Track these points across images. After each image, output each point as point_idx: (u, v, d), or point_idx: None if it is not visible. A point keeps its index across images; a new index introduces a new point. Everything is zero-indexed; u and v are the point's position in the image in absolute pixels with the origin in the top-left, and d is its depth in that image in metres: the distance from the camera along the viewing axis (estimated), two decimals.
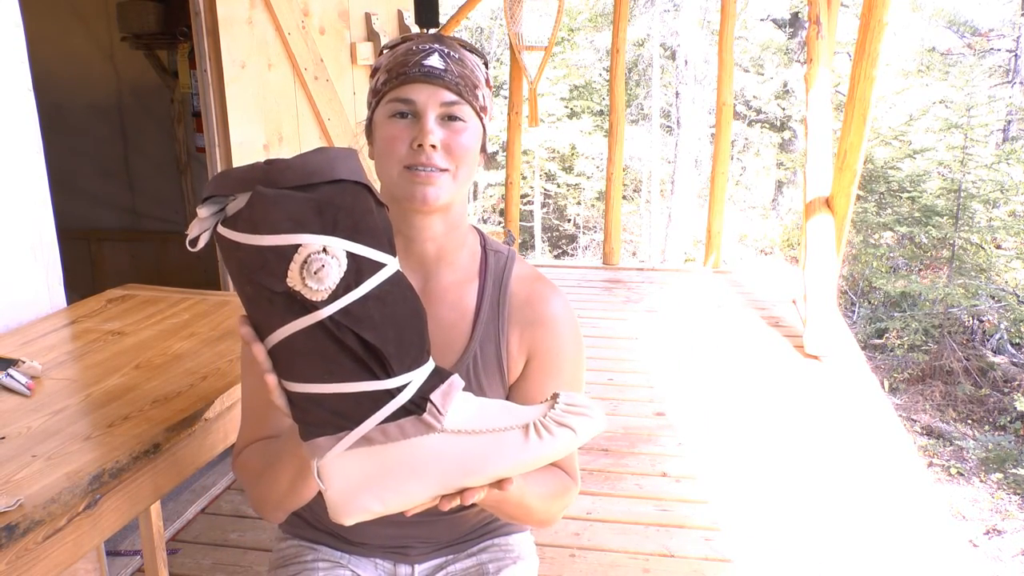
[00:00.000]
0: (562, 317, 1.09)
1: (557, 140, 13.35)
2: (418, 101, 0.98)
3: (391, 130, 0.99)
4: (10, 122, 1.71)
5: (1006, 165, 8.74)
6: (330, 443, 0.81)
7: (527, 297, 1.08)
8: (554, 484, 1.05)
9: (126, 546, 2.30)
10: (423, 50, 1.00)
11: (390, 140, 0.99)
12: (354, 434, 0.80)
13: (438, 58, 0.99)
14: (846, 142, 3.85)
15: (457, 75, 1.00)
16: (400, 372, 0.81)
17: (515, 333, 1.07)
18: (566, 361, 1.09)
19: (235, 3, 2.46)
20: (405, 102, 0.99)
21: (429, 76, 0.98)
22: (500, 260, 1.11)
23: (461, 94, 0.99)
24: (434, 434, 0.80)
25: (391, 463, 0.81)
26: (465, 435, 0.81)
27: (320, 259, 0.77)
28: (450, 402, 0.82)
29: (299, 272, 0.77)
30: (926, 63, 13.53)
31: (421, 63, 0.99)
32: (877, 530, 2.47)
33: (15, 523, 0.90)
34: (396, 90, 0.99)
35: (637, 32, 12.55)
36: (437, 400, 0.81)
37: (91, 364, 1.40)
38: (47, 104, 1.96)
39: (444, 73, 0.99)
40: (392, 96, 0.99)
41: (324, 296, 0.78)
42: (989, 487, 6.89)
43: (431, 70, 0.98)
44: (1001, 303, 8.62)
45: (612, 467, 2.88)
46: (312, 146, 0.88)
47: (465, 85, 1.00)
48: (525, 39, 5.67)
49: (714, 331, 4.39)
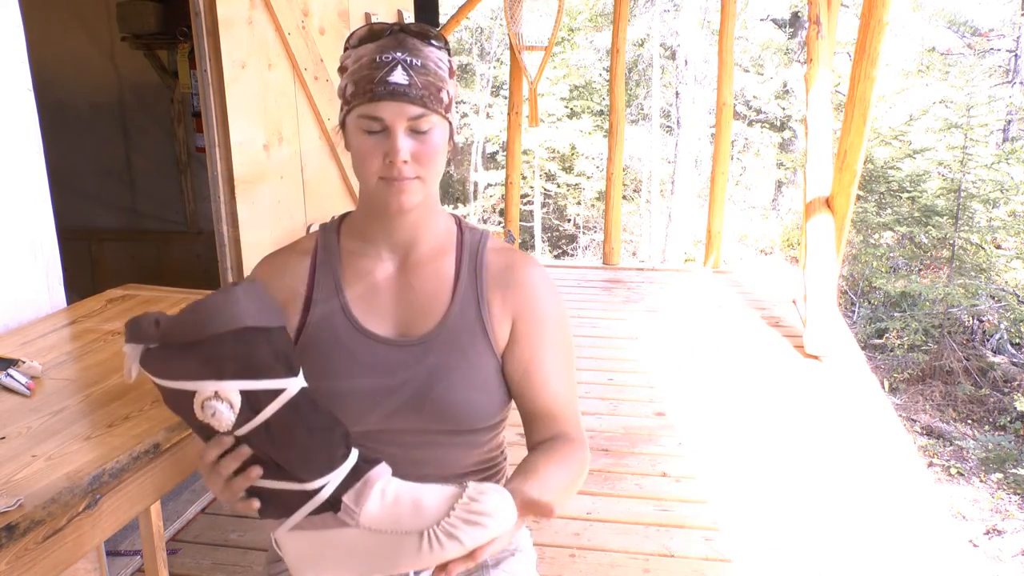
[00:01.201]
0: (540, 280, 1.15)
1: (557, 140, 13.34)
2: (386, 118, 1.03)
3: (364, 144, 1.05)
4: (10, 122, 1.71)
5: (1006, 165, 8.74)
6: (275, 524, 0.96)
7: (505, 264, 1.15)
8: (569, 469, 1.07)
9: (126, 546, 2.30)
10: (386, 63, 1.03)
11: (363, 154, 1.05)
12: (289, 521, 0.94)
13: (401, 72, 1.03)
14: (846, 142, 3.85)
15: (421, 87, 1.03)
16: (313, 479, 0.92)
17: (496, 297, 1.13)
18: (550, 320, 1.14)
19: (235, 3, 2.46)
20: (374, 119, 1.03)
21: (394, 95, 1.02)
22: (475, 235, 1.18)
23: (426, 105, 1.03)
24: (350, 528, 0.92)
25: (324, 544, 0.94)
26: (375, 534, 0.91)
27: (212, 405, 0.89)
28: (365, 501, 0.92)
29: (200, 412, 0.90)
30: (926, 63, 13.53)
31: (386, 80, 1.02)
32: (877, 530, 2.47)
33: (15, 523, 0.90)
34: (364, 107, 1.03)
35: (637, 32, 12.54)
36: (349, 501, 0.92)
37: (91, 364, 1.40)
38: (47, 104, 1.96)
39: (408, 88, 1.02)
40: (361, 112, 1.04)
41: (227, 429, 0.90)
42: (989, 487, 6.88)
43: (395, 88, 1.02)
44: (1001, 303, 8.62)
45: (612, 467, 2.88)
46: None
47: (429, 95, 1.04)
48: (525, 39, 5.67)
49: (714, 331, 4.39)
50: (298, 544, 0.95)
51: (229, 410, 0.89)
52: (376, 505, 0.92)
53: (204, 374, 0.89)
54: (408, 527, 0.89)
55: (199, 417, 0.90)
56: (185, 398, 0.90)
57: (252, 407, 0.90)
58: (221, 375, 0.89)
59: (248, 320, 0.91)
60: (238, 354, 0.90)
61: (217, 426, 0.89)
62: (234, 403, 0.89)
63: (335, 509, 0.92)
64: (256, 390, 0.90)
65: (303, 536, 0.94)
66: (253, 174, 2.58)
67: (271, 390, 0.91)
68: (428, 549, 0.88)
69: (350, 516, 0.92)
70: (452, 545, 0.87)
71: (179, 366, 0.89)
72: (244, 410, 0.89)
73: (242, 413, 0.89)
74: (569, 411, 1.14)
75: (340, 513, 0.92)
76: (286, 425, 0.91)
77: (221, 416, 0.88)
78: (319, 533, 0.93)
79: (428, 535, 0.88)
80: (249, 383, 0.90)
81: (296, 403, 0.93)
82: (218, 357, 0.89)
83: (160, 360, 0.90)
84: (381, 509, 0.92)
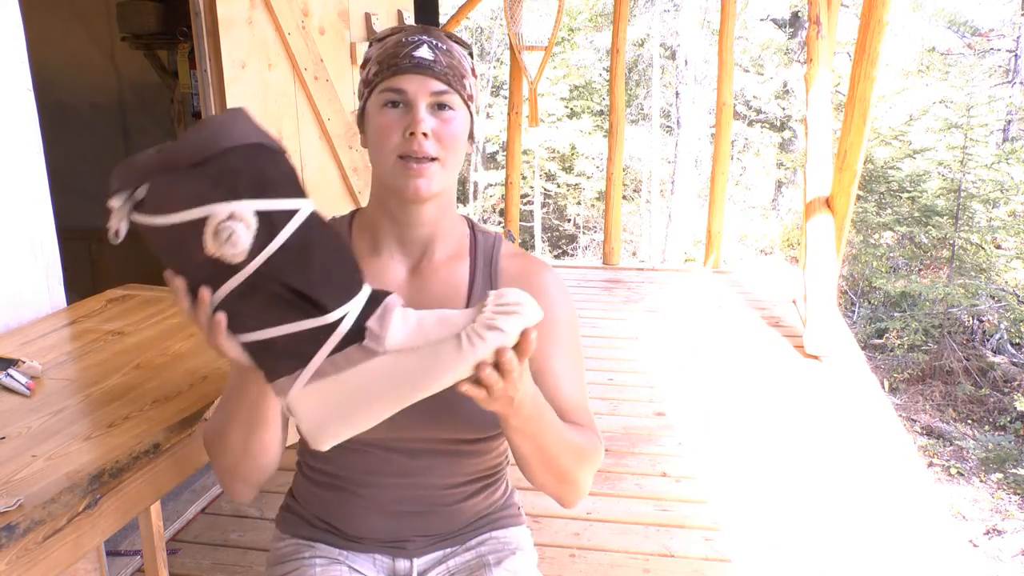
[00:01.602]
0: (555, 286, 1.13)
1: (557, 140, 13.35)
2: (409, 91, 1.02)
3: (384, 119, 1.03)
4: (10, 122, 1.71)
5: (1006, 165, 8.74)
6: (289, 382, 0.87)
7: (519, 271, 1.13)
8: (577, 433, 1.06)
9: (126, 546, 2.30)
10: (412, 42, 1.03)
11: (383, 129, 1.03)
12: (307, 370, 0.86)
13: (427, 49, 1.03)
14: (846, 142, 3.85)
15: (446, 65, 1.04)
16: (334, 307, 0.85)
17: None
18: (563, 325, 1.13)
19: (235, 3, 2.46)
20: (396, 92, 1.03)
21: (419, 67, 1.02)
22: (488, 239, 1.16)
23: (450, 83, 1.03)
24: (378, 357, 0.85)
25: (348, 389, 0.86)
26: (406, 352, 0.85)
27: (228, 227, 0.81)
28: (388, 324, 0.86)
29: (213, 241, 0.81)
30: (926, 63, 13.53)
31: (411, 54, 1.03)
32: (877, 530, 2.47)
33: (15, 523, 0.90)
34: (387, 80, 1.03)
35: (637, 32, 12.54)
36: (374, 326, 0.86)
37: (91, 364, 1.40)
38: (47, 104, 1.96)
39: (433, 64, 1.03)
40: (384, 86, 1.03)
41: (243, 257, 0.82)
42: (989, 487, 6.89)
43: (421, 61, 1.02)
44: (1001, 303, 8.62)
45: (612, 467, 2.88)
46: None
47: (453, 75, 1.04)
48: (525, 39, 5.67)
49: (714, 331, 4.39)
50: (316, 400, 0.87)
51: (246, 231, 0.81)
52: (399, 326, 0.86)
53: (216, 195, 0.81)
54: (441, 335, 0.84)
55: (210, 249, 0.82)
56: (194, 230, 0.82)
57: (268, 230, 0.83)
58: (236, 194, 0.82)
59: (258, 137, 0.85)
60: (252, 170, 0.83)
61: (232, 253, 0.81)
62: (250, 224, 0.82)
63: (359, 339, 0.86)
64: (272, 210, 0.83)
65: (322, 388, 0.86)
66: None
67: (287, 210, 0.84)
68: (469, 345, 0.83)
69: (376, 342, 0.85)
70: (493, 335, 0.82)
71: (186, 191, 0.82)
72: (260, 234, 0.82)
73: (258, 238, 0.82)
74: (582, 413, 1.13)
75: (365, 341, 0.85)
76: (303, 246, 0.85)
77: (238, 238, 0.81)
78: (340, 378, 0.86)
79: (465, 334, 0.83)
80: (265, 202, 0.83)
81: (312, 223, 0.86)
82: (231, 174, 0.82)
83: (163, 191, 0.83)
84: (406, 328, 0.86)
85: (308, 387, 0.86)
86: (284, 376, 0.87)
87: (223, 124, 0.84)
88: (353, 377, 0.86)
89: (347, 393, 0.86)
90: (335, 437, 0.88)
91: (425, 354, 0.85)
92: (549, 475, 1.05)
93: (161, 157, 0.83)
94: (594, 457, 1.09)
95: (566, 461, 1.04)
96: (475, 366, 0.84)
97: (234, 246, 0.81)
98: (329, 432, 0.88)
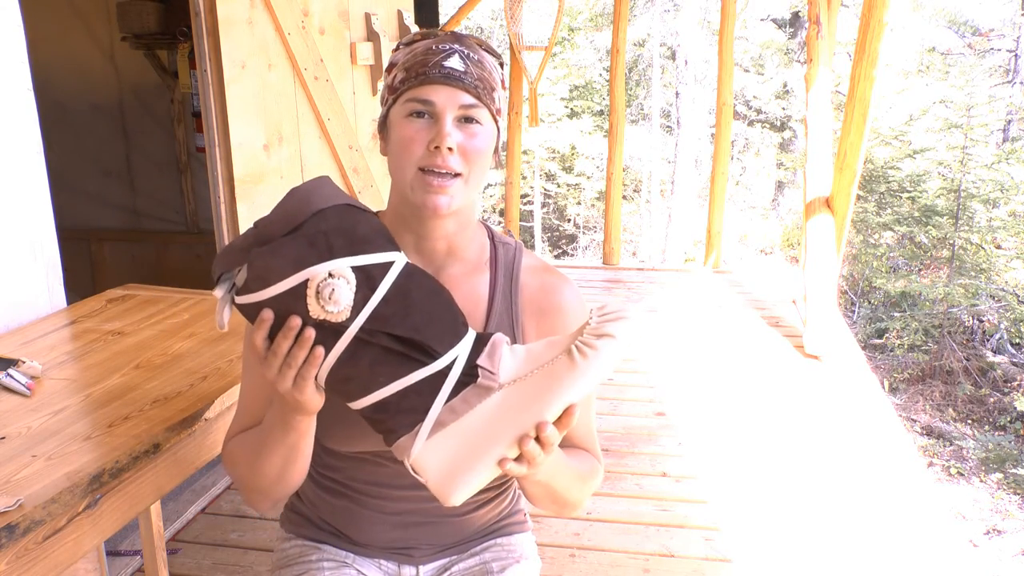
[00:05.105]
0: (574, 304, 1.11)
1: (557, 140, 13.34)
2: (437, 102, 0.98)
3: (408, 130, 0.99)
4: (10, 122, 1.71)
5: (1006, 165, 8.73)
6: (410, 440, 0.86)
7: (539, 287, 1.10)
8: (581, 463, 1.08)
9: (126, 546, 2.30)
10: (443, 50, 0.99)
11: (407, 140, 0.99)
12: (426, 422, 0.86)
13: (458, 59, 0.99)
14: (846, 142, 3.85)
15: (476, 77, 0.99)
16: (444, 351, 0.86)
17: (531, 322, 1.09)
18: None
19: (235, 3, 2.46)
20: (423, 103, 0.98)
21: (449, 78, 0.98)
22: (509, 251, 1.13)
23: (480, 97, 0.99)
24: (495, 393, 0.86)
25: (470, 435, 0.85)
26: (521, 381, 0.85)
27: (329, 284, 0.83)
28: (498, 360, 0.87)
29: (316, 302, 0.83)
30: (926, 63, 13.53)
31: (441, 64, 0.98)
32: (877, 530, 2.47)
33: (15, 523, 0.90)
34: (415, 90, 0.98)
35: (637, 32, 12.54)
36: (485, 363, 0.86)
37: (91, 364, 1.40)
38: (47, 104, 1.96)
39: (464, 75, 0.98)
40: (410, 96, 0.99)
41: (347, 314, 0.84)
42: (989, 487, 6.89)
43: (451, 71, 0.98)
44: (1001, 303, 8.62)
45: (612, 467, 2.88)
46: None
47: (483, 88, 1.00)
48: (525, 39, 5.67)
49: (714, 331, 4.39)
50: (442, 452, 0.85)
51: (347, 287, 0.83)
52: (509, 358, 0.86)
53: (313, 257, 0.83)
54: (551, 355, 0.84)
55: (314, 310, 0.83)
56: (297, 295, 0.83)
57: (368, 284, 0.84)
58: (332, 253, 0.84)
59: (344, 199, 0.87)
60: (344, 229, 0.85)
61: (336, 311, 0.83)
62: (350, 280, 0.83)
63: (471, 381, 0.86)
64: (368, 264, 0.85)
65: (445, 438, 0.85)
66: (253, 174, 2.58)
67: (383, 263, 0.86)
68: (581, 356, 0.83)
69: (490, 378, 0.86)
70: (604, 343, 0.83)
71: (284, 260, 0.84)
72: (360, 289, 0.84)
73: (358, 293, 0.84)
74: (588, 440, 1.13)
75: (479, 380, 0.86)
76: (404, 294, 0.86)
77: (340, 295, 0.82)
78: (461, 424, 0.85)
79: (575, 346, 0.83)
80: (360, 258, 0.85)
81: (409, 272, 0.88)
82: (324, 235, 0.84)
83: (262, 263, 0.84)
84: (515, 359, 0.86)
85: (430, 440, 0.86)
86: (404, 435, 0.87)
87: (310, 191, 0.86)
88: (474, 419, 0.85)
89: (471, 438, 0.85)
90: (466, 490, 0.86)
91: (540, 377, 0.85)
92: (554, 505, 1.07)
93: (256, 232, 0.86)
94: (594, 481, 1.11)
95: (571, 493, 1.06)
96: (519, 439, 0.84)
97: (337, 304, 0.83)
98: (461, 483, 0.86)
